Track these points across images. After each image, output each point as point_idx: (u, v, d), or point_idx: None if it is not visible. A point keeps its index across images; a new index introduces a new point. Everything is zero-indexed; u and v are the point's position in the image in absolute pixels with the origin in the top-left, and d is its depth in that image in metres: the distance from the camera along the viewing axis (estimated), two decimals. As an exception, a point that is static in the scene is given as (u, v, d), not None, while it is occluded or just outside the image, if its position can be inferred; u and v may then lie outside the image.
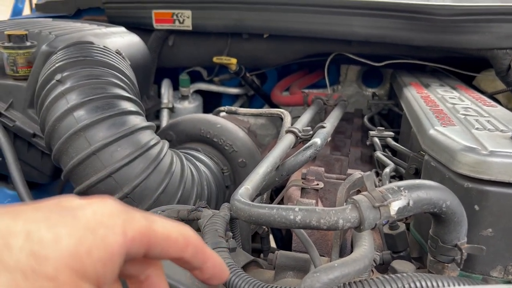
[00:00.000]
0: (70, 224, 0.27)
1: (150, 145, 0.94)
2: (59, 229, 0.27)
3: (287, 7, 1.50)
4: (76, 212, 0.28)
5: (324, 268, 0.50)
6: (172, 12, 1.65)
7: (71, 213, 0.28)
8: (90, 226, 0.28)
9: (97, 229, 0.28)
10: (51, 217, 0.27)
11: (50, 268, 0.25)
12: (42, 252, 0.26)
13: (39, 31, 1.25)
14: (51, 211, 0.28)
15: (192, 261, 0.35)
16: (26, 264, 0.25)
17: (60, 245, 0.26)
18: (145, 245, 0.31)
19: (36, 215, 0.27)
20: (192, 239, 0.34)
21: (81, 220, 0.28)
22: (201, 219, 0.72)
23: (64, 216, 0.28)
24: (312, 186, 0.92)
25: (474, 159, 0.63)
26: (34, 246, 0.26)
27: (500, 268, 0.64)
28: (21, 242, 0.25)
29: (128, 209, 0.31)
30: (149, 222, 0.31)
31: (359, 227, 0.53)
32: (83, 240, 0.27)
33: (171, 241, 0.32)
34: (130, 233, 0.30)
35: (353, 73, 1.88)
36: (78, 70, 0.97)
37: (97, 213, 0.29)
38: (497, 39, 1.28)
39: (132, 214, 0.31)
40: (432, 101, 1.03)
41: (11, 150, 1.12)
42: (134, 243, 0.30)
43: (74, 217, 0.28)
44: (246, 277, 0.57)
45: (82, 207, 0.29)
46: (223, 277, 0.37)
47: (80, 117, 0.90)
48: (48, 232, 0.26)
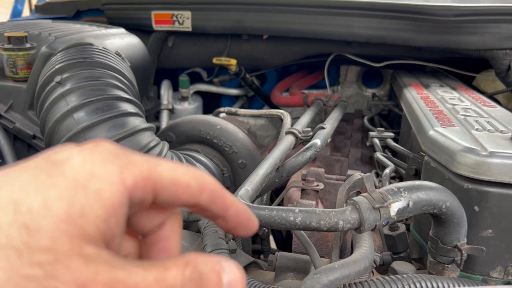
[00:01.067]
0: (58, 183, 0.24)
1: (150, 147, 0.94)
2: (47, 192, 0.24)
3: (287, 8, 1.51)
4: (64, 166, 0.25)
5: (324, 270, 0.50)
6: (172, 13, 1.65)
7: (59, 168, 0.25)
8: (80, 181, 0.24)
9: (89, 183, 0.25)
10: (39, 177, 0.24)
11: (45, 239, 0.23)
12: (33, 223, 0.23)
13: (39, 32, 1.25)
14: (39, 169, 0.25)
15: (211, 208, 0.30)
16: (18, 240, 0.22)
17: (51, 211, 0.23)
18: (150, 190, 0.27)
19: (23, 178, 0.24)
20: (208, 184, 0.30)
21: (69, 175, 0.25)
22: (201, 221, 0.72)
23: (52, 173, 0.24)
24: (312, 187, 0.92)
25: (474, 160, 0.63)
26: (24, 218, 0.23)
27: (500, 269, 0.64)
28: (9, 216, 0.23)
29: (125, 151, 0.28)
30: (152, 165, 0.28)
31: (359, 228, 0.53)
32: (74, 201, 0.24)
33: (181, 185, 0.29)
34: (130, 179, 0.26)
35: (353, 73, 1.88)
36: (78, 72, 0.97)
37: (87, 162, 0.25)
38: (497, 40, 1.28)
39: (131, 157, 0.27)
40: (432, 101, 1.03)
41: (11, 151, 1.12)
42: (137, 190, 0.26)
43: (62, 173, 0.25)
44: (246, 278, 0.57)
45: (70, 158, 0.25)
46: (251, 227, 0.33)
47: (80, 119, 0.90)
48: (36, 199, 0.23)
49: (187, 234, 0.72)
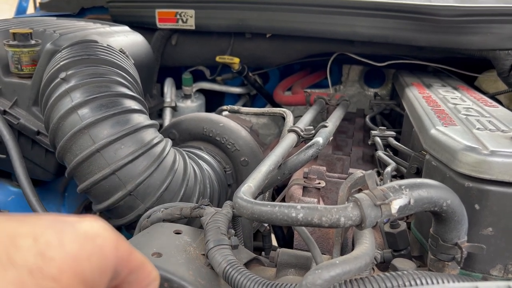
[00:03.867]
0: (72, 232, 0.30)
1: (154, 143, 0.95)
2: (63, 235, 0.29)
3: (290, 7, 1.51)
4: (75, 223, 0.31)
5: (325, 265, 0.51)
6: (176, 11, 1.66)
7: (71, 224, 0.30)
8: (89, 236, 0.30)
9: (95, 239, 0.30)
10: (55, 224, 0.29)
11: (55, 269, 0.27)
12: (49, 253, 0.27)
13: (44, 29, 1.26)
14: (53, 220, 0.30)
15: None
16: (33, 263, 0.26)
17: (65, 248, 0.28)
18: (127, 265, 0.33)
19: (41, 222, 0.29)
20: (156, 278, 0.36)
21: (80, 230, 0.30)
22: (204, 217, 0.73)
23: (65, 225, 0.30)
24: (313, 185, 0.93)
25: (475, 159, 0.63)
26: (41, 247, 0.27)
27: (500, 267, 0.65)
28: (28, 243, 0.27)
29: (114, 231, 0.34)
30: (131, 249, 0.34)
31: (360, 225, 0.53)
32: (84, 247, 0.29)
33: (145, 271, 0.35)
34: (121, 250, 0.32)
35: (355, 73, 1.89)
36: (82, 69, 0.98)
37: (93, 226, 0.31)
38: (499, 40, 1.28)
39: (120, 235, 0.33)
40: (433, 101, 1.03)
41: (16, 147, 1.13)
42: (122, 261, 0.32)
43: (74, 227, 0.30)
44: (248, 274, 0.58)
45: (79, 221, 0.31)
46: None
47: (84, 115, 0.91)
48: (53, 236, 0.28)
49: (190, 230, 0.73)
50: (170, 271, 0.60)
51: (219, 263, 0.61)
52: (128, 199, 0.91)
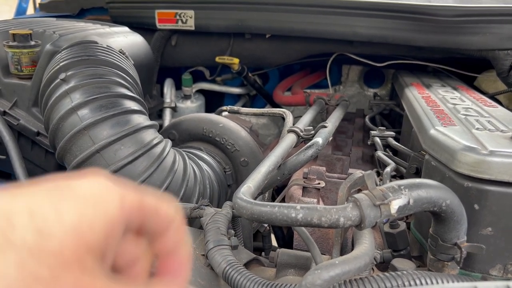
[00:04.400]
0: (70, 199, 0.28)
1: (153, 144, 0.95)
2: (60, 206, 0.27)
3: (289, 7, 1.51)
4: (74, 187, 0.29)
5: (325, 265, 0.51)
6: (175, 12, 1.66)
7: (69, 188, 0.29)
8: (89, 200, 0.28)
9: (96, 203, 0.29)
10: (51, 194, 0.28)
11: (55, 244, 0.26)
12: (47, 229, 0.26)
13: (43, 30, 1.26)
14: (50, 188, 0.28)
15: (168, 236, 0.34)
16: (32, 242, 0.25)
17: (63, 221, 0.26)
18: (139, 218, 0.31)
19: (36, 193, 0.27)
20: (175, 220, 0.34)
21: (79, 194, 0.28)
22: (204, 217, 0.73)
23: (63, 192, 0.28)
24: (313, 185, 0.93)
25: (474, 159, 0.63)
26: (38, 224, 0.26)
27: (499, 266, 0.65)
28: (24, 220, 0.25)
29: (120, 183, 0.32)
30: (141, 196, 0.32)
31: (360, 225, 0.53)
32: (84, 215, 0.27)
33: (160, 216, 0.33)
34: (127, 205, 0.30)
35: (355, 73, 1.89)
36: (82, 69, 0.98)
37: (94, 187, 0.29)
38: (498, 40, 1.29)
39: (125, 188, 0.32)
40: (433, 101, 1.03)
41: (15, 148, 1.13)
42: (131, 215, 0.31)
43: (73, 192, 0.28)
44: (247, 274, 0.58)
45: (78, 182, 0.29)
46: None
47: (84, 116, 0.91)
48: (50, 209, 0.27)
49: (190, 231, 0.73)
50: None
51: (219, 263, 0.61)
52: (128, 199, 0.91)
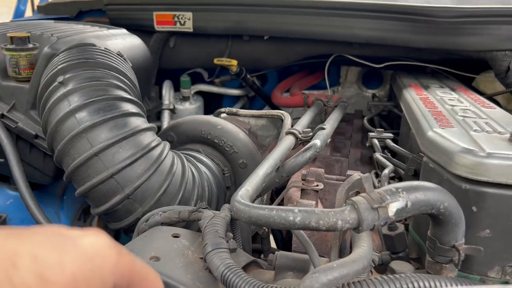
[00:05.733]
0: (72, 251, 0.29)
1: (152, 147, 0.95)
2: (62, 255, 0.28)
3: (288, 9, 1.51)
4: (76, 241, 0.30)
5: (323, 269, 0.51)
6: (173, 14, 1.66)
7: (72, 240, 0.30)
8: (89, 255, 0.30)
9: (95, 258, 0.30)
10: (55, 242, 0.29)
11: None
12: (47, 275, 0.27)
13: (41, 33, 1.26)
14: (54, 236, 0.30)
15: None
16: (32, 285, 0.26)
17: (64, 269, 0.28)
18: (127, 280, 0.33)
19: (40, 239, 0.29)
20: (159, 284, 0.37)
21: (81, 248, 0.30)
22: (202, 220, 0.73)
23: (65, 243, 0.30)
24: (312, 187, 0.93)
25: (472, 161, 0.63)
26: (40, 268, 0.27)
27: (497, 268, 0.65)
28: (27, 263, 0.27)
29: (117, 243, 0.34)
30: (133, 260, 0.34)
31: (358, 228, 0.53)
32: (83, 267, 0.29)
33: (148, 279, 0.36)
34: (121, 265, 0.32)
35: (353, 74, 1.89)
36: (80, 72, 0.98)
37: (94, 243, 0.31)
38: (496, 41, 1.29)
39: (121, 249, 0.33)
40: (431, 102, 1.03)
41: (14, 151, 1.13)
42: (122, 278, 0.32)
43: (75, 245, 0.30)
44: (246, 278, 0.58)
45: (80, 237, 0.31)
46: None
47: (82, 119, 0.91)
48: (53, 256, 0.28)
49: (188, 234, 0.73)
50: (168, 275, 0.60)
51: (217, 266, 0.61)
52: (126, 202, 0.91)
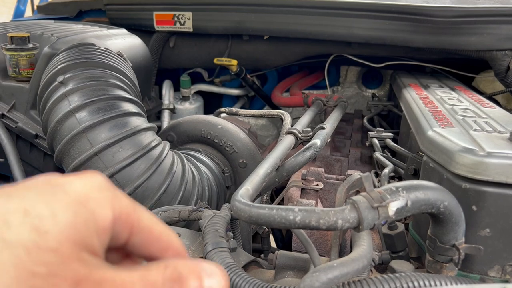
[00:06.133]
0: (63, 199, 0.28)
1: (152, 146, 0.95)
2: (54, 204, 0.27)
3: (287, 9, 1.51)
4: (66, 187, 0.29)
5: (323, 268, 0.51)
6: (173, 14, 1.66)
7: (62, 188, 0.29)
8: (81, 200, 0.29)
9: (89, 202, 0.29)
10: (44, 193, 0.28)
11: (52, 241, 0.26)
12: (43, 226, 0.26)
13: (41, 33, 1.26)
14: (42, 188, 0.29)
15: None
16: (28, 239, 0.25)
17: (58, 219, 0.27)
18: (129, 228, 0.31)
19: (29, 193, 0.28)
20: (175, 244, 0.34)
21: (72, 194, 0.29)
22: (202, 220, 0.73)
23: (55, 192, 0.28)
24: (312, 186, 0.93)
25: (472, 160, 0.63)
26: (34, 221, 0.26)
27: (497, 267, 0.65)
28: (20, 219, 0.26)
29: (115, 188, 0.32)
30: (136, 208, 0.32)
31: (358, 227, 0.53)
32: (78, 213, 0.28)
33: (153, 235, 0.32)
34: (118, 209, 0.30)
35: (353, 74, 1.89)
36: (80, 72, 0.98)
37: (86, 186, 0.30)
38: (496, 41, 1.29)
39: (119, 193, 0.31)
40: (431, 102, 1.03)
41: (14, 151, 1.13)
42: (120, 221, 0.30)
43: (65, 192, 0.29)
44: (246, 277, 0.58)
45: (71, 182, 0.30)
46: None
47: (82, 119, 0.91)
48: (44, 208, 0.27)
49: (188, 233, 0.73)
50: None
51: (217, 266, 0.61)
52: (127, 202, 0.91)
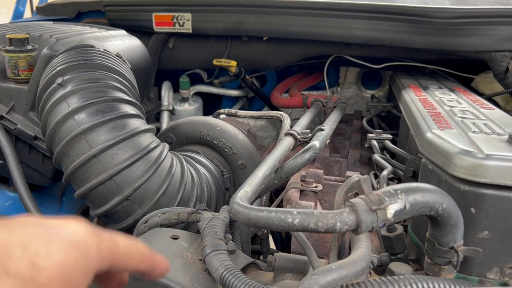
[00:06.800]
0: (58, 240, 0.32)
1: (151, 148, 0.95)
2: (50, 244, 0.31)
3: (286, 10, 1.51)
4: (59, 230, 0.33)
5: (322, 271, 0.51)
6: (172, 15, 1.66)
7: (55, 230, 0.33)
8: (73, 243, 0.33)
9: (79, 246, 0.33)
10: (40, 232, 0.32)
11: (44, 277, 0.30)
12: (38, 262, 0.30)
13: (40, 34, 1.26)
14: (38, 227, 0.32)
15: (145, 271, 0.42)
16: (25, 272, 0.29)
17: (52, 257, 0.31)
18: (110, 262, 0.36)
19: (28, 230, 0.32)
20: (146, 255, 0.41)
21: (65, 237, 0.33)
22: (201, 222, 0.73)
23: (50, 232, 0.32)
24: (311, 188, 0.93)
25: (470, 162, 0.63)
26: (31, 257, 0.30)
27: (496, 270, 0.65)
28: (19, 253, 0.29)
29: (97, 229, 0.37)
30: (113, 238, 0.37)
31: (356, 230, 0.53)
32: (69, 255, 0.32)
33: (131, 257, 0.39)
34: (103, 251, 0.35)
35: (352, 75, 1.89)
36: (79, 74, 0.98)
37: (76, 231, 0.34)
38: (495, 42, 1.29)
39: (102, 234, 0.36)
40: (430, 103, 1.04)
41: (13, 152, 1.13)
42: (104, 261, 0.35)
43: (59, 234, 0.33)
44: (245, 279, 0.58)
45: (62, 226, 0.34)
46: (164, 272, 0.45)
47: (81, 121, 0.91)
48: (41, 246, 0.31)
49: (187, 235, 0.73)
50: (167, 277, 0.60)
51: (216, 268, 0.61)
52: (126, 204, 0.91)
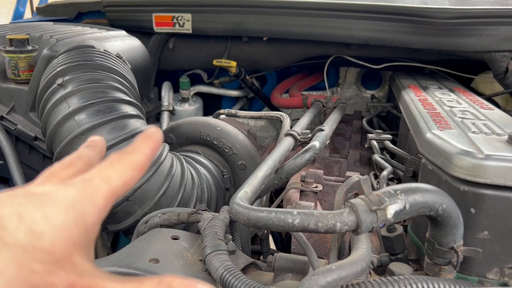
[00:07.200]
0: (52, 204, 0.30)
1: (151, 148, 0.95)
2: (45, 209, 0.30)
3: (286, 10, 1.51)
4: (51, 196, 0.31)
5: (322, 271, 0.51)
6: (172, 15, 1.66)
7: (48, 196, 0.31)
8: (69, 203, 0.31)
9: (75, 205, 0.31)
10: (32, 200, 0.30)
11: (47, 242, 0.28)
12: (37, 229, 0.28)
13: (40, 35, 1.26)
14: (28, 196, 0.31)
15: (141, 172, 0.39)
16: (25, 241, 0.28)
17: (51, 221, 0.29)
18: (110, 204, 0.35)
19: (19, 201, 0.30)
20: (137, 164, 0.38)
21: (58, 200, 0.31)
22: (201, 222, 0.73)
23: (43, 199, 0.31)
24: (311, 188, 0.93)
25: (470, 163, 0.63)
26: (29, 225, 0.28)
27: (496, 270, 0.65)
28: (15, 223, 0.28)
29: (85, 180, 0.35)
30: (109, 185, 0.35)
31: (356, 230, 0.53)
32: (68, 214, 0.30)
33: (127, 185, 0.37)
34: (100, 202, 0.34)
35: (352, 75, 1.89)
36: (79, 74, 0.98)
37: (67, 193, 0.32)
38: (495, 42, 1.29)
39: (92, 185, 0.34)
40: (429, 104, 1.04)
41: (13, 153, 1.13)
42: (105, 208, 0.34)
43: (52, 199, 0.31)
44: (245, 280, 0.58)
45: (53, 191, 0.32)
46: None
47: (81, 121, 0.91)
48: (37, 212, 0.29)
49: (187, 235, 0.73)
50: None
51: (216, 268, 0.61)
52: (126, 204, 0.91)
